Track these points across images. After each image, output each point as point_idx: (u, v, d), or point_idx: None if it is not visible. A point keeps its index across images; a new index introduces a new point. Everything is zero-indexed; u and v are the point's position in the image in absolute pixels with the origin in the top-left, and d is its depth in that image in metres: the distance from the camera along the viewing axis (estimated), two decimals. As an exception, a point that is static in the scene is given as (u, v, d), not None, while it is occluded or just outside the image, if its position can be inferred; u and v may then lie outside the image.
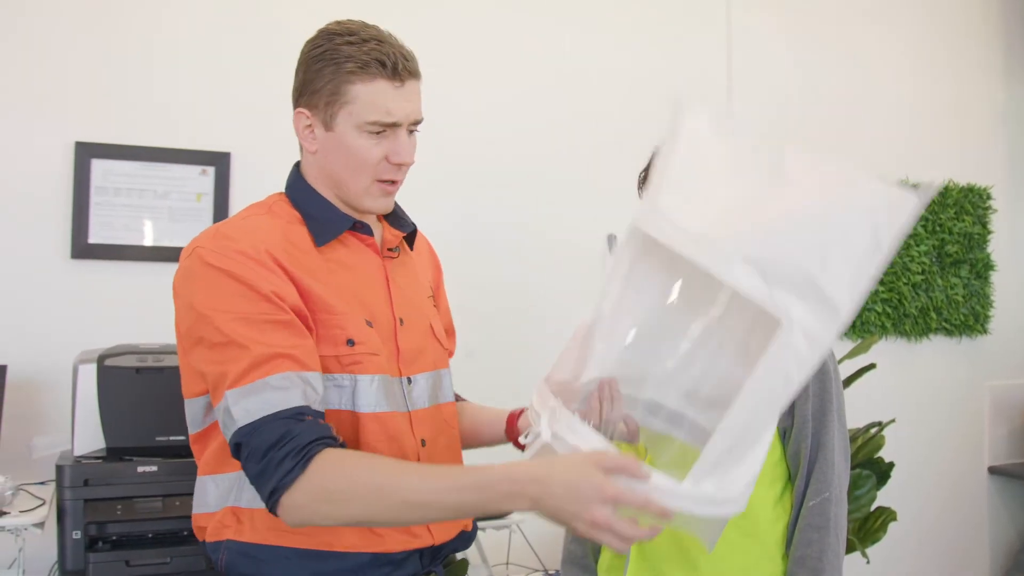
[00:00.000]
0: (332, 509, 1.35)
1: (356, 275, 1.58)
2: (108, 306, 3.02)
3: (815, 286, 1.24)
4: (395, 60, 1.49)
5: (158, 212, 3.11)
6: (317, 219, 1.57)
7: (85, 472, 2.45)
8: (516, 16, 3.58)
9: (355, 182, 1.55)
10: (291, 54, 3.38)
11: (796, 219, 1.29)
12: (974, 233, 4.37)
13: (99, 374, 2.53)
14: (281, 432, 1.35)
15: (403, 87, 1.51)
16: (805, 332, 1.24)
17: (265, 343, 1.39)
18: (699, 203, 1.37)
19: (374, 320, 1.55)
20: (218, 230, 1.51)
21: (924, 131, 4.32)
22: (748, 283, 1.27)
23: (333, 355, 1.48)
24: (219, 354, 1.41)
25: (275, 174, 3.16)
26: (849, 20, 4.19)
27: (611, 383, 1.54)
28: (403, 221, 1.70)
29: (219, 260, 1.44)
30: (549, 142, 3.60)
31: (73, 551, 2.42)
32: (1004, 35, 4.55)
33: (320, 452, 1.35)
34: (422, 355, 1.64)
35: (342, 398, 1.50)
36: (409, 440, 1.57)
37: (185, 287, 1.48)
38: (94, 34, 3.05)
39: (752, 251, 1.27)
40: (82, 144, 3.01)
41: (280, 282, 1.45)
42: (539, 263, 3.53)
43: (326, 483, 1.34)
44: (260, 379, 1.38)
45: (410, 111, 1.53)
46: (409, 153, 1.54)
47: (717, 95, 3.91)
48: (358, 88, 1.49)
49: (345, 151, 1.53)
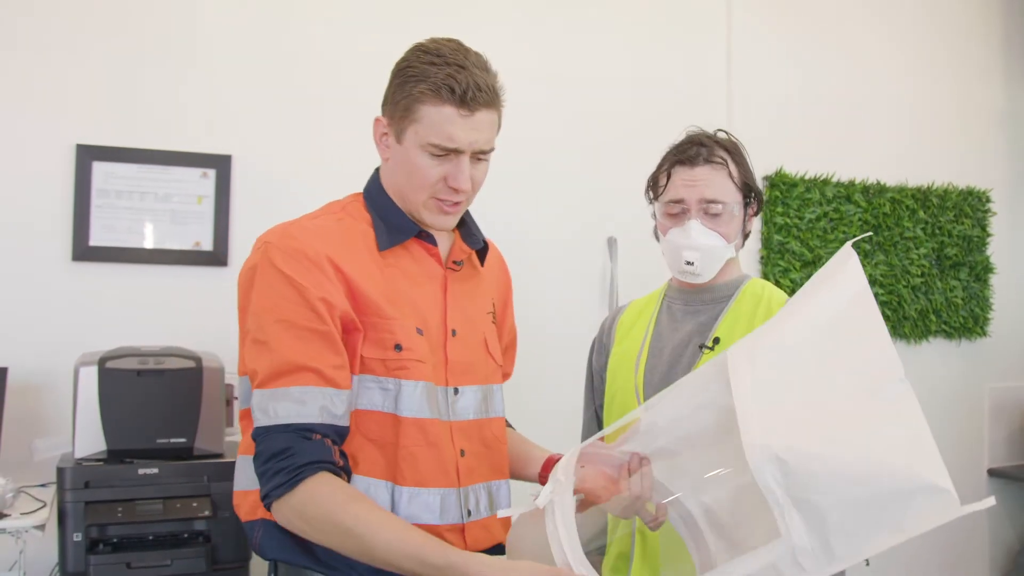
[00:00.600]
0: (309, 531, 1.46)
1: (414, 282, 1.63)
2: (109, 308, 3.02)
3: (825, 527, 1.27)
4: (466, 89, 1.53)
5: (159, 215, 3.11)
6: (385, 224, 1.63)
7: (86, 474, 2.46)
8: (515, 20, 3.58)
9: (414, 196, 1.61)
10: (293, 57, 3.40)
11: (845, 461, 1.29)
12: (973, 236, 4.38)
13: (100, 376, 2.54)
14: (285, 445, 1.45)
15: (471, 116, 1.55)
16: (795, 557, 1.28)
17: (298, 351, 1.48)
18: (781, 380, 1.40)
19: (425, 328, 1.60)
20: (287, 229, 1.57)
21: (924, 134, 4.33)
22: (771, 485, 1.29)
23: (380, 358, 1.55)
24: (257, 351, 1.51)
25: (276, 177, 3.22)
26: (849, 23, 4.19)
27: (644, 459, 1.60)
28: (474, 237, 1.74)
29: (280, 259, 1.52)
30: (549, 144, 3.61)
31: (74, 553, 2.42)
32: (1004, 37, 4.56)
33: (312, 476, 1.44)
34: (472, 368, 1.68)
35: (385, 401, 1.55)
36: (448, 449, 1.60)
37: (246, 278, 1.56)
38: (95, 37, 3.05)
39: (790, 460, 1.29)
40: (83, 147, 3.02)
41: (332, 288, 1.51)
42: (538, 266, 3.53)
43: (307, 509, 1.44)
44: (283, 387, 1.47)
45: (474, 140, 1.56)
46: (465, 180, 1.58)
47: (717, 97, 3.92)
48: (427, 109, 1.54)
49: (409, 166, 1.59)
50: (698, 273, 2.00)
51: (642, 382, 2.02)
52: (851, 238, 4.03)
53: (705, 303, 2.05)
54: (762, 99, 3.97)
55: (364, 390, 1.55)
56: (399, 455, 1.54)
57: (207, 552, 2.51)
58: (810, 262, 3.98)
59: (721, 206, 1.97)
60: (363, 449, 1.54)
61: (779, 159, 3.96)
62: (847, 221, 4.09)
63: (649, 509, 1.62)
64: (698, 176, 1.98)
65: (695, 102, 3.81)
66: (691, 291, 2.07)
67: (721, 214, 1.98)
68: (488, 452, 1.69)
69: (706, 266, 1.99)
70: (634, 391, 2.02)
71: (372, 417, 1.55)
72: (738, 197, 2.00)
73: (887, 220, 4.17)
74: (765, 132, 3.85)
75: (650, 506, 1.62)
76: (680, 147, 2.05)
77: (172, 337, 2.81)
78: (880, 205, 4.15)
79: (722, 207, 1.97)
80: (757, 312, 1.99)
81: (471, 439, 1.65)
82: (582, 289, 3.66)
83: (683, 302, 2.08)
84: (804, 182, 4.01)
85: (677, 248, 2.00)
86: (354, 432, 1.54)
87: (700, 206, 1.97)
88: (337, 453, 1.49)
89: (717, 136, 2.06)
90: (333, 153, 3.22)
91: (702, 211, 1.98)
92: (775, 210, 3.95)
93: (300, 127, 3.25)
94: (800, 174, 4.02)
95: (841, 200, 4.09)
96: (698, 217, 1.98)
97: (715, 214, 1.98)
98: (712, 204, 1.97)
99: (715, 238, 1.98)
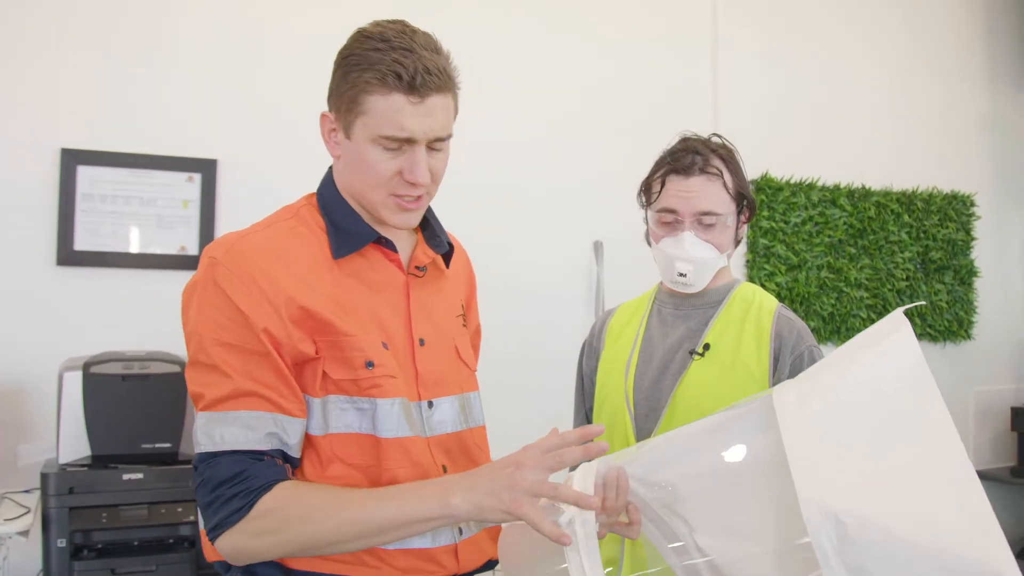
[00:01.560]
0: (268, 543, 1.36)
1: (374, 292, 1.51)
2: (94, 313, 3.01)
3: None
4: (414, 74, 1.39)
5: (144, 219, 3.10)
6: (340, 229, 1.51)
7: (70, 480, 2.44)
8: (500, 25, 3.59)
9: (370, 195, 1.48)
10: (278, 61, 3.38)
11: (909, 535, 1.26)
12: (958, 240, 4.41)
13: (84, 381, 2.53)
14: (237, 470, 1.35)
15: (422, 103, 1.41)
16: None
17: (246, 375, 1.38)
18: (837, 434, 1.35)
19: (390, 341, 1.49)
20: (235, 244, 1.45)
21: (909, 138, 4.36)
22: (825, 547, 1.25)
23: (351, 378, 1.44)
24: (201, 374, 1.41)
25: (261, 181, 3.21)
26: (834, 29, 4.21)
27: (621, 472, 1.50)
28: (438, 240, 1.63)
29: (226, 280, 1.41)
30: (535, 149, 3.61)
31: (58, 559, 2.41)
32: (987, 43, 4.59)
33: (267, 492, 1.34)
34: (444, 378, 1.57)
35: (363, 422, 1.45)
36: (431, 466, 1.50)
37: (188, 294, 1.46)
38: (81, 41, 3.04)
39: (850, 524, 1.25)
40: (68, 151, 3.01)
41: (277, 320, 1.40)
42: (525, 269, 3.54)
43: (263, 523, 1.34)
44: (232, 411, 1.37)
45: (428, 127, 1.43)
46: (423, 172, 1.45)
47: (703, 102, 3.93)
48: (374, 99, 1.41)
49: (361, 162, 1.46)
50: (691, 284, 1.98)
51: (632, 387, 2.01)
52: (837, 241, 4.06)
53: (695, 308, 2.04)
54: (748, 104, 3.99)
55: (338, 412, 1.44)
56: (383, 478, 1.44)
57: (192, 557, 2.50)
58: (795, 266, 4.00)
59: (715, 218, 1.95)
60: (344, 476, 1.44)
61: (765, 163, 3.98)
62: (832, 225, 4.11)
63: (623, 521, 1.52)
64: (693, 187, 1.95)
65: (681, 107, 3.82)
66: (682, 296, 2.06)
67: (715, 225, 1.95)
68: (472, 464, 1.58)
69: (699, 277, 1.98)
70: (624, 396, 2.01)
71: (350, 440, 1.44)
72: (732, 207, 1.98)
73: (872, 224, 4.19)
74: (751, 137, 3.85)
75: (623, 517, 1.52)
76: (675, 155, 2.00)
77: (157, 342, 2.79)
78: (865, 209, 4.17)
79: (716, 219, 1.95)
80: (747, 318, 1.98)
81: (451, 453, 1.55)
82: (569, 293, 3.67)
83: (673, 306, 2.07)
84: (790, 186, 4.03)
85: (670, 259, 1.98)
86: (332, 459, 1.44)
87: (694, 217, 1.96)
88: (290, 473, 1.40)
89: (712, 143, 2.02)
90: (318, 157, 3.18)
91: (696, 222, 1.96)
92: (761, 214, 3.97)
93: (286, 131, 3.24)
94: (786, 178, 4.04)
95: (826, 204, 4.10)
96: (692, 228, 1.95)
97: (709, 225, 1.95)
98: (706, 216, 1.95)
99: (708, 250, 1.96)
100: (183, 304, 1.48)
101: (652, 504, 1.51)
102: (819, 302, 4.05)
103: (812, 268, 4.05)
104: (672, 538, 1.51)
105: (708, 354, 1.96)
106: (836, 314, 4.09)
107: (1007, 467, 4.48)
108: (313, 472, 1.44)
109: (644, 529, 1.53)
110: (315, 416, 1.45)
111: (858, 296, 4.14)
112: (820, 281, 4.06)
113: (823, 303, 4.06)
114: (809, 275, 4.03)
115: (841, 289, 4.11)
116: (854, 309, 4.12)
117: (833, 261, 4.09)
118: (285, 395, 1.40)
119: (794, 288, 4.00)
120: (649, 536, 1.55)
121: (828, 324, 4.08)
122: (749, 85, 4.01)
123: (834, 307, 4.08)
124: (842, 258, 4.12)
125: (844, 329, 4.11)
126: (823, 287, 4.07)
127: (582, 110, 3.70)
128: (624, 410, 2.00)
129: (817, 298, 4.05)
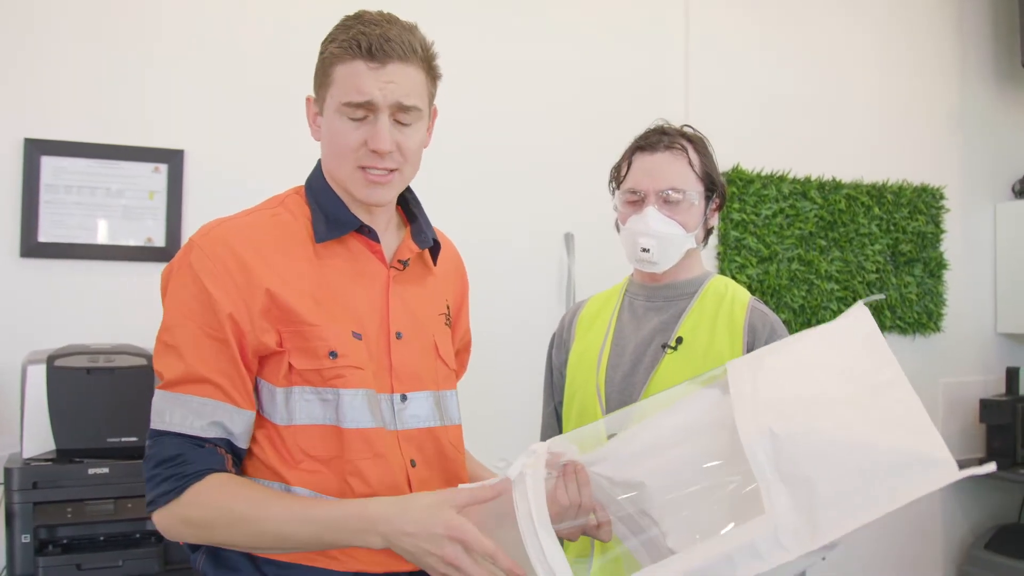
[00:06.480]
0: (197, 533, 1.42)
1: (351, 281, 1.52)
2: (58, 306, 2.96)
3: (813, 502, 1.24)
4: (372, 41, 1.43)
5: (111, 210, 3.06)
6: (323, 215, 1.53)
7: (34, 474, 2.41)
8: (471, 16, 3.57)
9: (340, 169, 1.51)
10: (245, 50, 3.35)
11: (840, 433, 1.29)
12: (927, 232, 4.43)
13: (49, 375, 2.49)
14: (176, 452, 1.41)
15: (381, 69, 1.44)
16: (776, 535, 1.25)
17: (203, 361, 1.42)
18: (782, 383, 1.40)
19: (363, 332, 1.50)
20: (213, 229, 1.50)
21: (879, 131, 4.38)
22: (760, 460, 1.28)
23: (315, 368, 1.45)
24: (163, 354, 1.45)
25: (229, 171, 3.18)
26: (806, 22, 4.22)
27: (579, 467, 1.50)
28: (424, 235, 1.63)
29: (199, 263, 1.45)
30: (506, 140, 3.60)
31: (22, 555, 2.38)
32: (959, 36, 4.61)
33: (199, 481, 1.39)
34: (420, 373, 1.58)
35: (327, 413, 1.46)
36: (397, 459, 1.50)
37: (167, 275, 1.51)
38: (44, 30, 2.99)
39: (782, 433, 1.28)
40: (32, 141, 2.96)
41: (244, 306, 1.43)
42: (495, 262, 3.52)
43: (190, 512, 1.39)
44: (183, 394, 1.42)
45: (388, 92, 1.44)
46: (385, 140, 1.45)
47: (674, 93, 3.92)
48: (339, 69, 1.46)
49: (330, 135, 1.50)
50: (655, 261, 1.98)
51: (603, 380, 2.00)
52: (807, 233, 4.08)
53: (668, 299, 2.04)
54: (719, 96, 3.99)
55: (303, 403, 1.46)
56: (345, 469, 1.45)
57: (159, 552, 2.48)
58: (766, 258, 4.01)
59: (680, 194, 1.96)
60: (309, 469, 1.45)
61: (736, 156, 3.98)
62: (803, 217, 4.12)
63: (591, 521, 1.52)
64: (657, 162, 1.97)
65: (652, 98, 3.82)
66: (653, 286, 2.06)
67: (680, 202, 1.97)
68: (444, 461, 1.59)
69: (662, 254, 1.97)
70: (595, 390, 2.00)
71: (314, 432, 1.45)
72: (698, 187, 1.99)
73: (842, 216, 4.21)
74: (722, 129, 3.83)
75: (592, 517, 1.52)
76: (643, 135, 2.05)
77: (123, 335, 2.76)
78: (836, 201, 4.19)
79: (681, 195, 1.96)
80: (720, 311, 1.98)
81: (423, 448, 1.55)
82: (540, 285, 3.66)
83: (645, 298, 2.07)
84: (761, 179, 4.03)
85: (633, 235, 1.98)
86: (296, 451, 1.45)
87: (658, 194, 1.96)
88: (230, 463, 1.44)
89: (683, 129, 2.06)
90: (287, 148, 3.17)
91: (660, 199, 1.97)
92: (732, 206, 3.97)
93: (253, 122, 3.21)
94: (757, 171, 4.04)
95: (797, 196, 4.12)
96: (655, 204, 1.97)
97: (673, 202, 1.96)
98: (670, 192, 1.96)
99: (673, 226, 1.96)
100: (161, 286, 1.52)
101: (623, 503, 1.52)
102: (790, 294, 4.06)
103: (783, 260, 4.06)
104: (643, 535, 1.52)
105: (681, 348, 1.96)
106: (807, 306, 4.11)
107: (976, 459, 4.52)
108: (283, 467, 1.46)
109: (615, 530, 1.53)
110: (278, 406, 1.46)
111: (829, 288, 4.15)
112: (791, 273, 4.07)
113: (794, 295, 4.07)
114: (780, 267, 4.05)
115: (812, 281, 4.12)
116: (825, 301, 4.14)
117: (804, 253, 4.11)
118: (237, 386, 1.43)
119: (765, 280, 4.01)
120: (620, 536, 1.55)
121: (799, 316, 4.09)
122: (721, 78, 4.01)
123: (805, 299, 4.10)
124: (813, 250, 4.14)
125: (815, 321, 4.13)
126: (794, 279, 4.08)
127: (552, 102, 3.68)
128: (595, 403, 1.99)
129: (788, 290, 4.06)
